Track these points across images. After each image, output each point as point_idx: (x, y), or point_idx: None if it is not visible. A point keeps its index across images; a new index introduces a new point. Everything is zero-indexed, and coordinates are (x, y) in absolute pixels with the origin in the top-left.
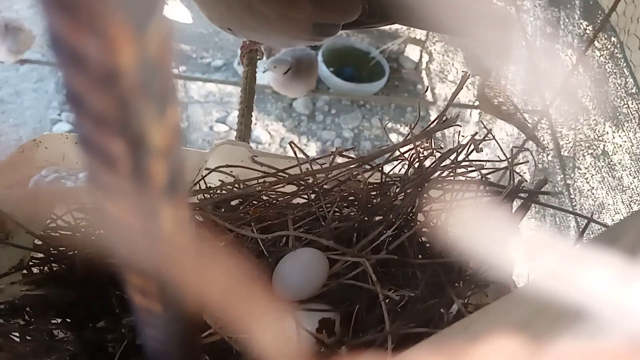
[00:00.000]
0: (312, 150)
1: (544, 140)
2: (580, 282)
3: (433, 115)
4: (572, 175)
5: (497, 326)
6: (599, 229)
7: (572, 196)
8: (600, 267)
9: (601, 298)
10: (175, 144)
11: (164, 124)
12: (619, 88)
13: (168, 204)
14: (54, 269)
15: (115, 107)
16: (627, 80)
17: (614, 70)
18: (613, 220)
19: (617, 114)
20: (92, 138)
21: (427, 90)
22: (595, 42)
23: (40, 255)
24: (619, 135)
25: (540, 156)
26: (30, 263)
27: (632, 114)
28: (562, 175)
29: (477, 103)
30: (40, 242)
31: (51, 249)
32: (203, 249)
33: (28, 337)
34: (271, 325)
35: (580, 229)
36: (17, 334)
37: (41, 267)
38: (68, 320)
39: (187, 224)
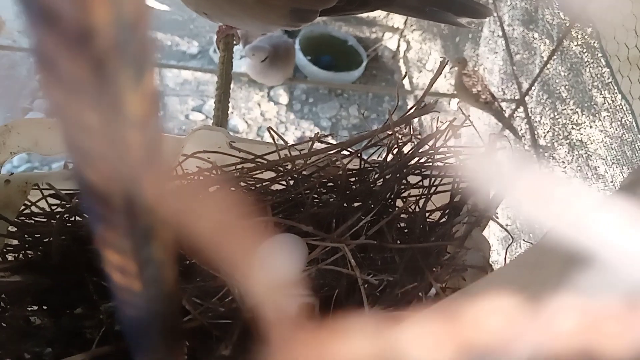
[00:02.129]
0: (290, 139)
1: (520, 129)
2: (587, 232)
3: (411, 104)
4: (549, 164)
5: (496, 285)
6: None
7: None
8: (607, 217)
9: (606, 250)
10: (153, 112)
11: (141, 90)
12: (595, 78)
13: (149, 174)
14: (29, 255)
15: (89, 71)
16: (604, 70)
17: (591, 60)
18: None
19: (593, 104)
20: (65, 106)
21: (405, 77)
22: (573, 32)
23: (15, 242)
24: (596, 125)
25: (517, 145)
26: (5, 250)
27: (608, 104)
28: (538, 164)
29: (454, 92)
30: (14, 229)
31: (26, 235)
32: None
33: (3, 324)
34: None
35: None
36: None
37: (16, 254)
38: (44, 307)
39: (168, 195)
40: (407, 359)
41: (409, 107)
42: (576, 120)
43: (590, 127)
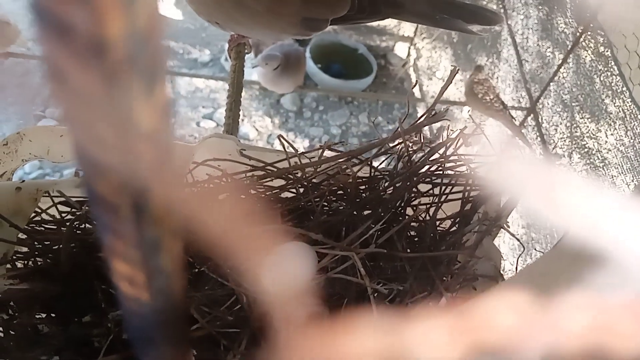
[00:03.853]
0: (300, 147)
1: (537, 137)
2: (599, 231)
3: (421, 112)
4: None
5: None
6: None
7: None
8: (623, 216)
9: (620, 248)
10: (164, 123)
11: (153, 102)
12: (607, 86)
13: (158, 185)
14: (39, 263)
15: (101, 82)
16: (617, 78)
17: (603, 69)
18: None
19: (609, 113)
20: (76, 116)
21: (415, 85)
22: (585, 41)
23: (25, 249)
24: (611, 134)
25: (529, 153)
26: (14, 257)
27: (623, 112)
28: (551, 167)
29: (464, 99)
30: (24, 236)
31: (36, 242)
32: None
33: (12, 332)
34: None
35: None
36: (0, 328)
37: (25, 262)
38: (53, 314)
39: (176, 205)
40: (415, 356)
41: (419, 115)
42: (589, 129)
43: (606, 135)
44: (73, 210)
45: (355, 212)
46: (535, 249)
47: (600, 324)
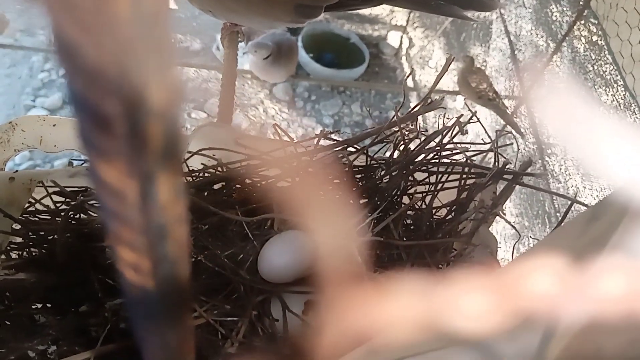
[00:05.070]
0: (293, 137)
1: (530, 127)
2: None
3: (413, 101)
4: (552, 161)
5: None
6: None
7: (550, 181)
8: None
9: None
10: (174, 104)
11: (162, 82)
12: (601, 75)
13: (164, 169)
14: (34, 253)
15: (111, 62)
16: (609, 67)
17: (596, 58)
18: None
19: (602, 102)
20: (85, 96)
21: (410, 74)
22: (578, 30)
23: (19, 239)
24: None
25: (522, 142)
26: (9, 247)
27: (617, 101)
28: (540, 161)
29: (457, 88)
30: (18, 226)
31: (30, 233)
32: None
33: (8, 322)
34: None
35: (564, 211)
36: None
37: (20, 252)
38: (49, 305)
39: (182, 191)
40: (453, 324)
41: (411, 105)
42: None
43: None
44: (67, 200)
45: (351, 201)
46: (530, 237)
47: (636, 289)
